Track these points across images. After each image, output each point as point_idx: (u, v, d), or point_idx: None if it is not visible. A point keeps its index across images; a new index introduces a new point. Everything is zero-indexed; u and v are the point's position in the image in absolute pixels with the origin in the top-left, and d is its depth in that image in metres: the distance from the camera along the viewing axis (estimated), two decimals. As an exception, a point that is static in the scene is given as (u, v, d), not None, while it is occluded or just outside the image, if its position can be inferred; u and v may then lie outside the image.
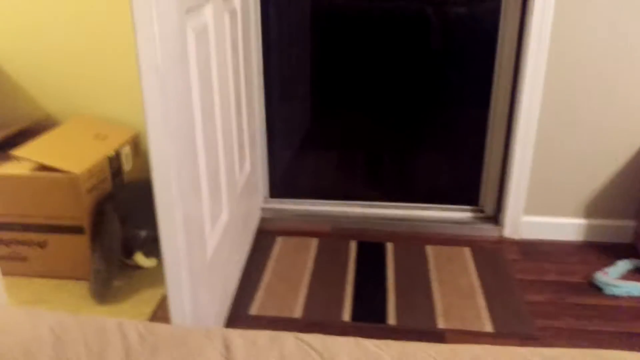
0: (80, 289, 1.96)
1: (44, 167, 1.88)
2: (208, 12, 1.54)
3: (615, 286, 1.96)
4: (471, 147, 2.43)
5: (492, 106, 2.31)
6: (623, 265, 2.09)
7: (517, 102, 2.14)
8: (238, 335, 0.86)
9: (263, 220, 2.44)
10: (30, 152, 1.93)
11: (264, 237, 2.33)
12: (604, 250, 2.23)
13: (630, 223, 2.26)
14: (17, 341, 0.82)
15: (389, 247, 2.26)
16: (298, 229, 2.40)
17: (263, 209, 2.48)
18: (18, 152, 1.92)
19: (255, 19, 2.23)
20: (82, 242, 1.95)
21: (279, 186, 2.57)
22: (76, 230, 1.93)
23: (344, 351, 0.83)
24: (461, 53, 2.39)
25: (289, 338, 0.85)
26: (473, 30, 2.35)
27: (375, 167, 2.64)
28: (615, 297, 1.95)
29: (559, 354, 0.87)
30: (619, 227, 2.27)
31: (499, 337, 1.75)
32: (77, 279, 2.00)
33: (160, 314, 1.84)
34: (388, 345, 0.84)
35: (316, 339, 0.86)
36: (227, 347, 0.83)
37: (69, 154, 1.96)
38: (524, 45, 2.07)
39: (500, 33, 2.21)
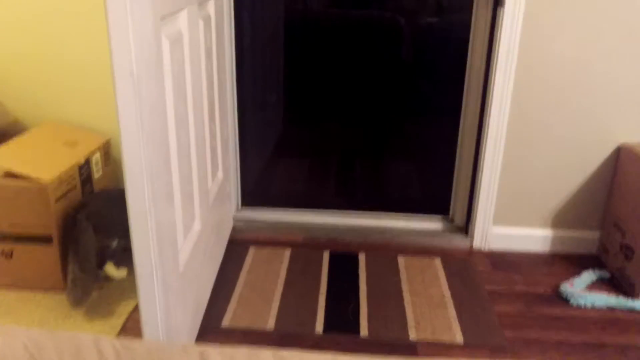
0: (48, 301, 1.91)
1: (11, 174, 1.84)
2: (182, 19, 1.53)
3: (580, 297, 2.00)
4: (442, 157, 2.46)
5: (462, 117, 2.35)
6: (588, 276, 2.13)
7: (486, 113, 2.18)
8: (216, 352, 0.85)
9: (235, 229, 2.42)
10: (-3, 159, 1.88)
11: (237, 247, 2.31)
12: (570, 261, 2.27)
13: (595, 234, 2.31)
14: (-14, 357, 0.80)
15: (362, 257, 2.27)
16: (270, 239, 2.39)
17: (235, 218, 2.46)
18: (-17, 158, 1.87)
19: (229, 26, 2.22)
20: (50, 252, 1.90)
21: (251, 195, 2.56)
22: (44, 239, 1.88)
23: (322, 366, 0.82)
24: (433, 63, 2.42)
25: (266, 354, 0.85)
26: (445, 41, 2.38)
27: (347, 176, 2.65)
28: (581, 308, 1.99)
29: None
30: (584, 239, 2.32)
31: (469, 347, 1.77)
32: (46, 290, 1.95)
33: (131, 325, 1.81)
34: (363, 361, 0.84)
35: (294, 356, 0.85)
36: (203, 362, 0.82)
37: (38, 160, 1.92)
38: (493, 57, 2.11)
39: (470, 45, 2.25)
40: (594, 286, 2.11)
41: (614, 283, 2.13)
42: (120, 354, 0.82)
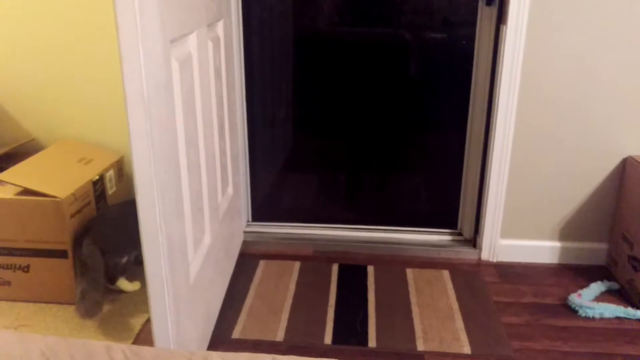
0: (64, 313, 1.97)
1: (28, 191, 1.90)
2: (192, 41, 1.59)
3: (588, 308, 2.01)
4: (450, 171, 2.49)
5: (469, 131, 2.38)
6: (596, 288, 2.14)
7: (492, 127, 2.21)
8: (218, 357, 0.89)
9: (246, 243, 2.47)
10: (15, 176, 1.94)
11: (247, 261, 2.35)
12: (578, 273, 2.29)
13: (603, 246, 2.32)
14: (6, 364, 0.85)
15: (370, 270, 2.30)
16: (280, 252, 2.43)
17: (246, 233, 2.51)
18: (2, 176, 1.93)
19: (238, 46, 2.29)
20: (65, 266, 1.96)
21: (262, 210, 2.60)
22: (60, 254, 1.94)
23: (318, 370, 0.86)
24: (439, 78, 2.46)
25: (266, 359, 0.89)
26: (451, 56, 2.42)
27: (356, 191, 2.69)
28: (589, 319, 2.00)
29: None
30: (592, 250, 2.33)
31: (476, 358, 1.79)
32: (61, 303, 2.01)
33: (143, 337, 1.85)
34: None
35: (292, 360, 0.89)
36: (208, 368, 0.86)
37: (53, 178, 1.98)
38: (497, 71, 2.14)
39: (475, 60, 2.29)
40: (602, 297, 2.12)
41: (623, 295, 2.14)
42: (129, 359, 0.87)
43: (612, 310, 2.01)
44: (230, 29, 2.13)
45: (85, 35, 2.20)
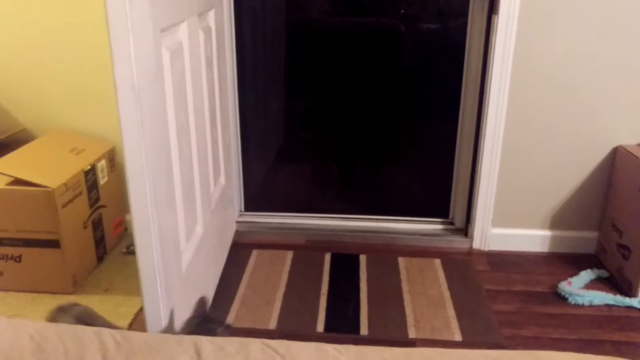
0: (56, 302, 1.96)
1: (19, 181, 1.90)
2: (183, 30, 1.58)
3: (578, 295, 2.03)
4: (442, 161, 2.50)
5: (460, 120, 2.39)
6: (586, 275, 2.17)
7: (484, 117, 2.22)
8: (208, 342, 0.90)
9: (238, 233, 2.48)
10: (6, 166, 1.94)
11: (239, 250, 2.36)
12: (569, 261, 2.31)
13: (593, 234, 2.34)
14: (-2, 349, 0.86)
15: (362, 259, 2.31)
16: (273, 242, 2.44)
17: (238, 222, 2.52)
18: (-7, 166, 1.93)
19: (229, 35, 2.28)
20: (57, 256, 1.96)
21: (254, 200, 2.61)
22: (51, 244, 1.94)
23: (304, 354, 0.88)
24: (432, 69, 2.46)
25: (255, 343, 0.90)
26: (444, 47, 2.43)
27: (348, 181, 2.70)
28: (579, 306, 2.02)
29: (500, 354, 0.94)
30: (582, 239, 2.35)
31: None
32: (54, 292, 2.01)
33: (136, 327, 1.86)
34: (347, 349, 0.90)
35: (280, 344, 0.91)
36: (197, 352, 0.87)
37: (45, 168, 1.98)
38: (489, 61, 2.15)
39: (467, 50, 2.29)
40: (592, 285, 2.14)
41: (613, 282, 2.16)
42: (120, 343, 0.88)
43: (602, 297, 2.03)
44: (221, 18, 2.12)
45: (76, 24, 2.19)
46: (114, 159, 2.28)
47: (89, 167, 2.09)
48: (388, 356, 0.88)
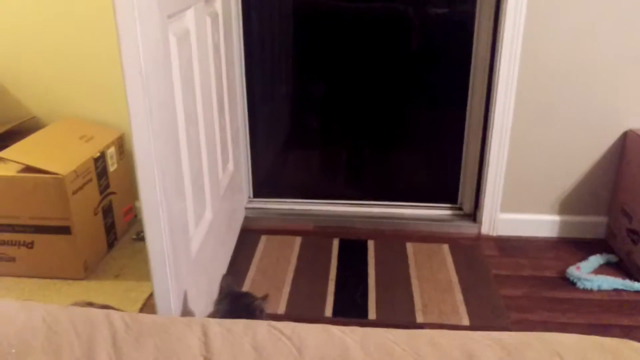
0: (68, 288, 2.00)
1: (30, 169, 1.92)
2: (189, 16, 1.58)
3: (587, 280, 2.03)
4: (451, 147, 2.49)
5: (469, 106, 2.38)
6: (595, 260, 2.16)
7: (492, 102, 2.21)
8: (216, 323, 0.92)
9: (247, 219, 2.49)
10: (16, 154, 1.96)
11: (249, 236, 2.38)
12: (578, 246, 2.30)
13: (602, 219, 2.33)
14: (12, 330, 0.88)
15: (371, 244, 2.32)
16: (282, 228, 2.45)
17: (247, 208, 2.53)
18: (4, 153, 1.95)
19: (237, 21, 2.27)
20: (68, 242, 1.98)
21: (263, 186, 2.61)
22: (63, 230, 1.97)
23: (311, 336, 0.89)
24: (440, 54, 2.45)
25: (262, 325, 0.91)
26: (453, 31, 2.41)
27: (357, 167, 2.70)
28: (587, 291, 2.02)
29: (506, 336, 0.95)
30: (591, 224, 2.34)
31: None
32: (65, 278, 2.04)
33: (147, 311, 1.88)
34: (352, 330, 0.91)
35: (287, 326, 0.92)
36: (205, 334, 0.89)
37: (55, 155, 2.00)
38: (498, 46, 2.13)
39: (475, 34, 2.27)
40: (601, 270, 2.14)
41: (622, 267, 2.15)
42: (129, 325, 0.90)
43: (611, 282, 2.03)
44: (228, 4, 2.12)
45: (85, 11, 2.19)
46: (123, 146, 2.29)
47: (98, 154, 2.11)
48: (393, 337, 0.90)
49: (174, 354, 0.85)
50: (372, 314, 1.89)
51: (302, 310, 1.91)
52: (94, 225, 2.12)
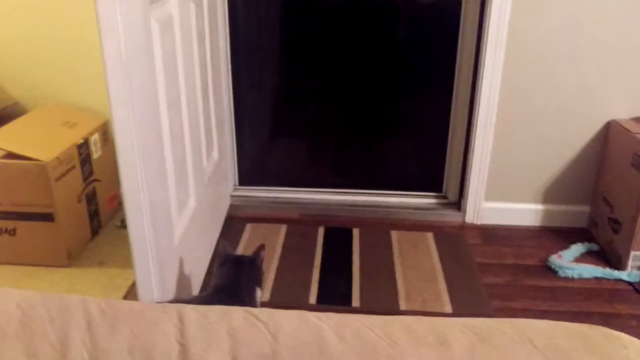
0: (51, 276, 1.99)
1: (12, 155, 1.90)
2: (173, 2, 1.57)
3: (568, 268, 2.06)
4: (436, 136, 2.50)
5: (454, 95, 2.38)
6: (577, 249, 2.18)
7: (477, 91, 2.21)
8: (192, 309, 0.92)
9: (232, 207, 2.49)
10: (-2, 140, 1.94)
11: (234, 224, 2.38)
12: (560, 235, 2.32)
13: (584, 208, 2.36)
14: (-15, 317, 0.88)
15: (356, 232, 2.33)
16: (267, 216, 2.45)
17: (232, 196, 2.53)
18: (-14, 140, 1.94)
19: (222, 8, 2.26)
20: (51, 229, 1.97)
21: (249, 174, 2.61)
22: (45, 217, 1.96)
23: (287, 322, 0.90)
24: (426, 42, 2.45)
25: (238, 311, 0.92)
26: (440, 21, 2.41)
27: (342, 155, 2.70)
28: (568, 279, 2.04)
29: (479, 322, 0.96)
30: (574, 213, 2.36)
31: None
32: (48, 265, 2.03)
33: (130, 298, 1.88)
34: (328, 316, 0.92)
35: (263, 312, 0.93)
36: (181, 320, 0.89)
37: (37, 141, 1.98)
38: (483, 36, 2.13)
39: (462, 22, 2.27)
40: (583, 259, 2.16)
41: (603, 256, 2.18)
42: (104, 311, 0.90)
43: (591, 270, 2.06)
44: (213, -10, 2.10)
45: (67, -4, 2.17)
46: (107, 133, 2.28)
47: (82, 141, 2.09)
48: (368, 324, 0.90)
49: (149, 340, 0.85)
50: (356, 302, 1.90)
51: (287, 297, 1.92)
52: (78, 212, 2.11)
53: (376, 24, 2.42)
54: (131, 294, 1.90)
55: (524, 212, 2.38)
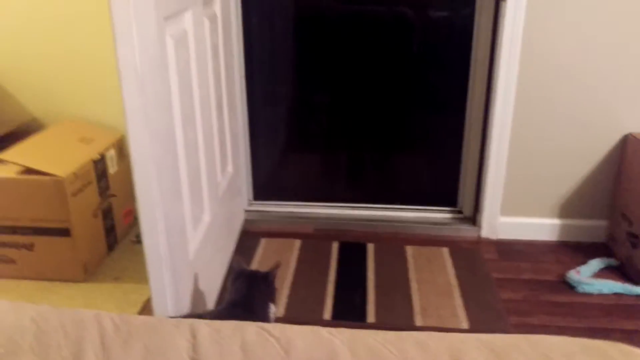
0: (67, 291, 2.00)
1: (29, 170, 1.92)
2: (187, 18, 1.59)
3: (587, 284, 2.02)
4: (450, 150, 2.49)
5: (468, 109, 2.37)
6: (595, 264, 2.15)
7: (492, 105, 2.20)
8: (205, 324, 0.92)
9: (247, 222, 2.49)
10: (16, 156, 1.97)
11: (248, 239, 2.38)
12: (578, 250, 2.29)
13: (602, 223, 2.32)
14: (0, 330, 0.88)
15: (370, 247, 2.31)
16: (281, 231, 2.45)
17: (247, 211, 2.53)
18: (4, 155, 1.96)
19: (236, 23, 2.28)
20: (68, 245, 1.99)
21: (263, 188, 2.61)
22: (62, 232, 1.97)
23: (299, 337, 0.89)
24: (440, 57, 2.45)
25: (250, 326, 0.91)
26: (453, 35, 2.41)
27: (357, 170, 2.70)
28: (587, 295, 2.01)
29: (494, 338, 0.95)
30: (591, 227, 2.33)
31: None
32: (65, 280, 2.04)
33: (146, 314, 1.88)
34: (340, 332, 0.91)
35: (275, 327, 0.92)
36: (193, 335, 0.89)
37: (55, 157, 2.00)
38: (497, 49, 2.13)
39: (475, 37, 2.27)
40: (601, 274, 2.13)
41: (623, 271, 2.14)
42: (118, 326, 0.90)
43: (611, 286, 2.02)
44: (227, 6, 2.12)
45: (84, 12, 2.20)
46: (123, 148, 2.30)
47: (98, 157, 2.11)
48: (381, 339, 0.90)
49: (162, 355, 0.85)
50: (371, 317, 1.88)
51: (301, 313, 1.91)
52: (94, 227, 2.12)
53: (389, 38, 2.42)
54: (146, 309, 1.90)
55: (541, 227, 2.35)
